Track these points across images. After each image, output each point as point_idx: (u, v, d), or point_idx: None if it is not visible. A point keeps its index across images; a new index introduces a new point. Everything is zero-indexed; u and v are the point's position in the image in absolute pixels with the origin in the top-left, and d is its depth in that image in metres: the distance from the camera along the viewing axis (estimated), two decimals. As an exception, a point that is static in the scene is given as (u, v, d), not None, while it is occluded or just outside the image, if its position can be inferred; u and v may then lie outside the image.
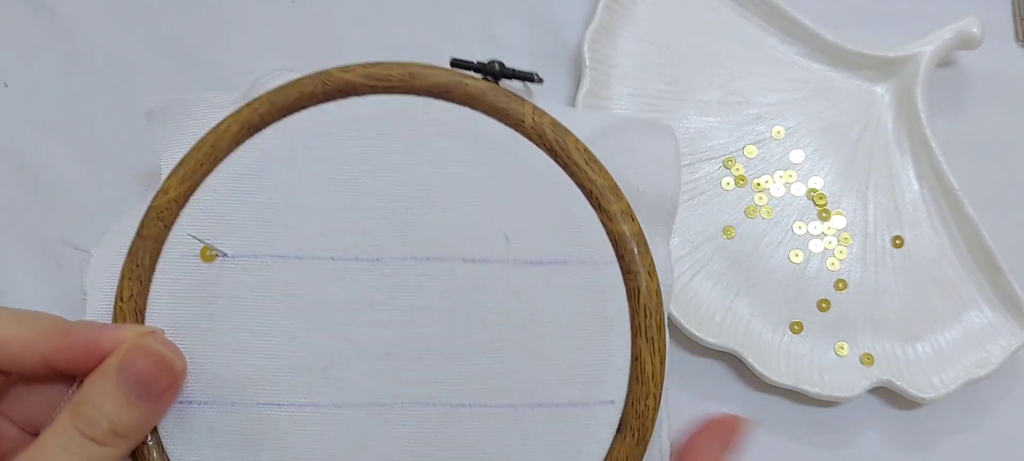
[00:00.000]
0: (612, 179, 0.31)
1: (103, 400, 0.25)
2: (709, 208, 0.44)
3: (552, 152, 0.32)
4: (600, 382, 0.30)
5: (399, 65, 0.32)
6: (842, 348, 0.42)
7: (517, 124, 0.32)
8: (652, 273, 0.31)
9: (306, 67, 0.45)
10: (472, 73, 0.33)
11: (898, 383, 0.41)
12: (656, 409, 0.30)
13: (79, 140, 0.43)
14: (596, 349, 0.30)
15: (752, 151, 0.45)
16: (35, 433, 0.28)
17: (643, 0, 0.46)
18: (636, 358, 0.30)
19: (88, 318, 0.30)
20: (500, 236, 0.31)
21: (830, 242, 0.44)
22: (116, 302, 0.29)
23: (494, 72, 0.33)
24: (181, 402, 0.29)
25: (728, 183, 0.44)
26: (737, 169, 0.44)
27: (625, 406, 0.30)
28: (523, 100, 0.32)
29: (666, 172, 0.33)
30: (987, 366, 0.41)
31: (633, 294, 0.31)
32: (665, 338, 0.30)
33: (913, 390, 0.41)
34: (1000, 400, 0.44)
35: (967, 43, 0.45)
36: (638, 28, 0.46)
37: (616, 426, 0.30)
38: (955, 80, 0.48)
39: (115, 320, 0.29)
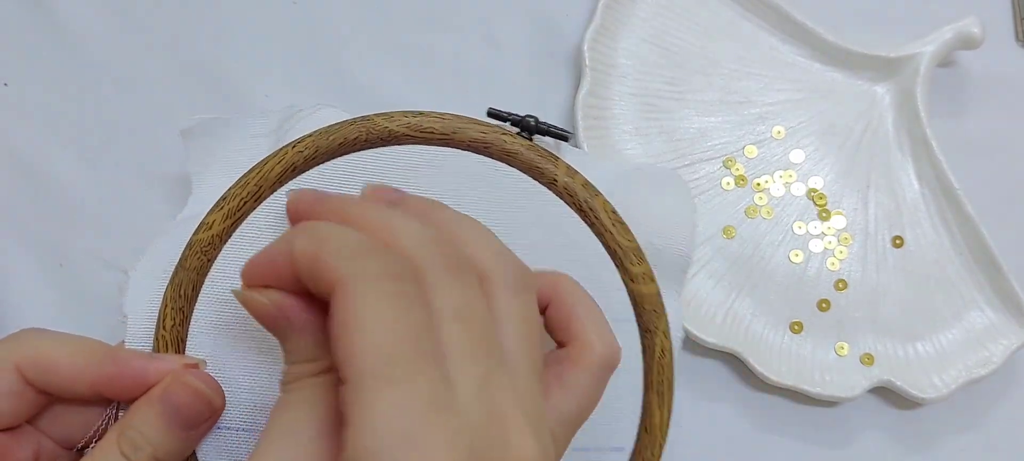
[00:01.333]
0: (636, 242, 0.33)
1: (146, 428, 0.27)
2: (709, 208, 0.44)
3: (581, 211, 0.33)
4: (611, 431, 0.32)
5: (440, 118, 0.33)
6: (842, 348, 0.42)
7: (550, 182, 0.33)
8: (667, 334, 0.33)
9: (307, 69, 0.45)
10: (508, 126, 0.34)
11: (898, 383, 0.41)
12: (660, 457, 0.32)
13: (79, 140, 0.43)
14: (609, 400, 0.31)
15: (752, 151, 0.45)
16: (70, 447, 0.30)
17: (643, 0, 0.46)
18: (646, 409, 0.32)
19: (128, 342, 0.31)
20: None
21: (830, 242, 0.44)
22: (158, 331, 0.31)
23: (528, 127, 0.34)
24: (219, 428, 0.30)
25: (728, 183, 0.44)
26: (737, 169, 0.44)
27: (632, 454, 0.32)
28: (556, 159, 0.34)
29: (682, 229, 0.35)
30: (988, 366, 0.42)
31: (648, 351, 0.32)
32: (673, 394, 0.32)
33: (913, 390, 0.41)
34: (1000, 400, 0.44)
35: (967, 43, 0.45)
36: (638, 28, 0.46)
37: None
38: (955, 80, 0.48)
39: (156, 349, 0.31)
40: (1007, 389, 0.44)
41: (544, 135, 0.35)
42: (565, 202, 0.33)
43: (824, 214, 0.44)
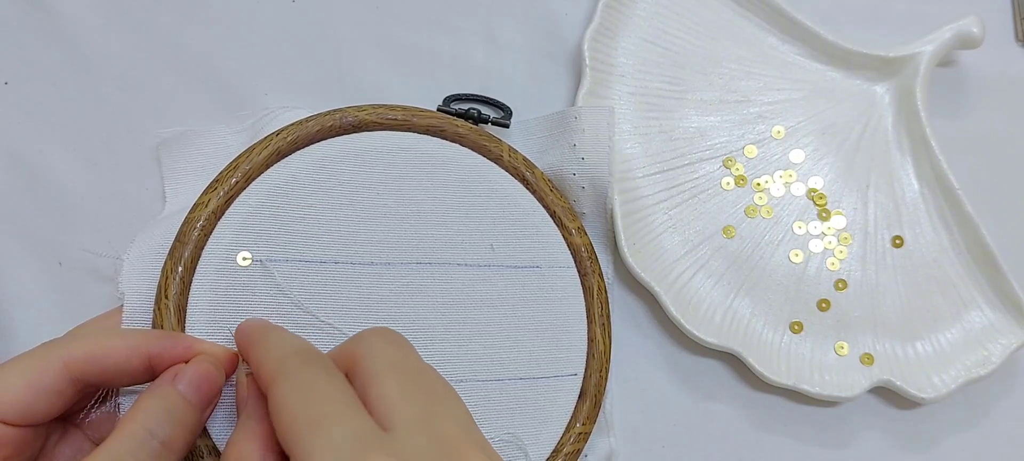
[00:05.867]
0: (569, 202, 0.40)
1: (166, 406, 0.30)
2: (709, 208, 0.44)
3: (524, 181, 0.40)
4: (565, 360, 0.38)
5: (403, 108, 0.39)
6: (842, 348, 0.42)
7: (497, 158, 0.40)
8: (601, 275, 0.39)
9: (306, 69, 0.45)
10: (456, 118, 0.40)
11: (898, 383, 0.41)
12: (606, 379, 0.39)
13: (78, 140, 0.43)
14: (561, 335, 0.38)
15: (752, 151, 0.45)
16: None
17: (643, 0, 0.46)
18: (592, 340, 0.39)
19: (126, 315, 0.35)
20: (487, 246, 0.38)
21: (830, 242, 0.44)
22: (160, 299, 0.34)
23: (473, 118, 0.41)
24: (226, 385, 0.34)
25: (728, 183, 0.44)
26: (737, 169, 0.44)
27: (584, 377, 0.38)
28: (500, 141, 0.40)
29: (599, 155, 0.41)
30: (987, 366, 0.41)
31: (588, 291, 0.39)
32: (611, 324, 0.39)
33: (913, 390, 0.41)
34: (1000, 400, 0.44)
35: (967, 43, 0.45)
36: (638, 28, 0.46)
37: (578, 393, 0.38)
38: (955, 80, 0.48)
39: (157, 316, 0.34)
40: (1006, 389, 0.44)
41: (486, 123, 0.41)
42: (510, 174, 0.40)
43: (824, 214, 0.44)
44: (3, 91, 0.44)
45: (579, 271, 0.39)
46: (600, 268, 0.40)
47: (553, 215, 0.39)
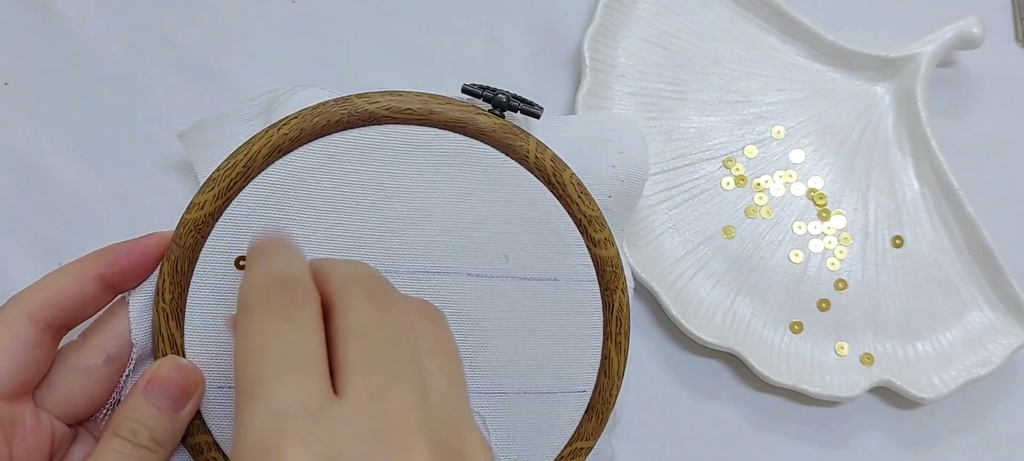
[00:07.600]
0: (598, 210, 0.37)
1: (139, 414, 0.30)
2: (709, 208, 0.44)
3: (550, 184, 0.36)
4: (575, 376, 0.36)
5: (419, 98, 0.36)
6: (842, 348, 0.42)
7: (522, 158, 0.36)
8: (624, 290, 0.37)
9: (307, 69, 0.45)
10: (482, 103, 0.36)
11: (898, 383, 0.41)
12: (617, 396, 0.37)
13: (79, 140, 0.43)
14: (573, 350, 0.36)
15: (752, 151, 0.45)
16: (73, 424, 0.33)
17: (643, 0, 0.46)
18: (606, 357, 0.36)
19: (131, 314, 0.34)
20: (501, 256, 0.36)
21: (830, 242, 0.44)
22: (157, 304, 0.34)
23: (500, 103, 0.36)
24: (223, 387, 0.33)
25: (728, 183, 0.44)
26: (737, 169, 0.44)
27: (593, 394, 0.36)
28: (528, 135, 0.36)
29: (639, 159, 0.39)
30: (987, 366, 0.42)
31: (608, 307, 0.36)
32: (629, 342, 0.37)
33: (913, 390, 0.41)
34: (1000, 400, 0.44)
35: (967, 43, 0.45)
36: (638, 28, 0.46)
37: (585, 409, 0.36)
38: (955, 80, 0.48)
39: (156, 320, 0.34)
40: (1007, 389, 0.44)
41: (515, 111, 0.37)
42: (535, 176, 0.36)
43: (824, 214, 0.44)
44: (3, 91, 0.43)
45: (601, 286, 0.36)
46: (625, 282, 0.37)
47: (578, 223, 0.36)
